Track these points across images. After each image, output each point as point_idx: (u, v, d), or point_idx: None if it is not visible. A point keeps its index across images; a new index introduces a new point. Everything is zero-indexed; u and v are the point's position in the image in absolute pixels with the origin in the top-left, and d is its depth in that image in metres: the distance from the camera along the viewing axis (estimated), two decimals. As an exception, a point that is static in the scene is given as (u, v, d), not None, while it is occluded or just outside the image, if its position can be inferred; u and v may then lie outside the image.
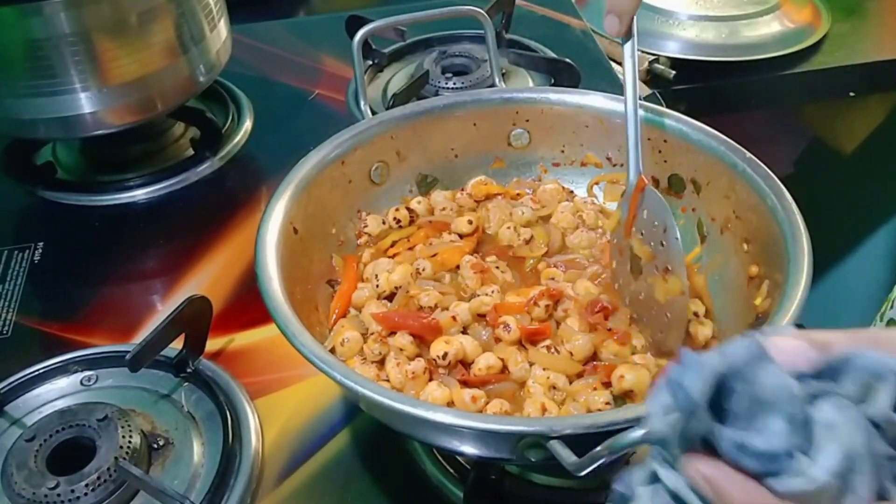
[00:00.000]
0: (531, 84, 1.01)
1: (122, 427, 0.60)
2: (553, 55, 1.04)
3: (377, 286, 0.63)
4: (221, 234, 0.84)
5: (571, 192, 0.72)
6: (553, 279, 0.63)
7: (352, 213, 0.68)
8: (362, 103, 0.77)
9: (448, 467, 0.61)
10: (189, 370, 0.67)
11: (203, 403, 0.66)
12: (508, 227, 0.67)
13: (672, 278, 0.58)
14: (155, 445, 0.62)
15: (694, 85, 1.20)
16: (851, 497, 0.27)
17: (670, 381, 0.29)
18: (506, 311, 0.59)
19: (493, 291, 0.61)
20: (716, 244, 0.65)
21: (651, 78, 1.21)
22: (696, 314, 0.60)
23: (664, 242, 0.59)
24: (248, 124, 1.00)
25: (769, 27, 1.25)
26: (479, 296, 0.61)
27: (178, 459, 0.62)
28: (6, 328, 0.75)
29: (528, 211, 0.69)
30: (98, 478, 0.57)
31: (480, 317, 0.60)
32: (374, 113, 0.74)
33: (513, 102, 0.71)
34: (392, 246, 0.67)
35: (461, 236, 0.68)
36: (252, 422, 0.65)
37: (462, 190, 0.72)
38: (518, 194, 0.71)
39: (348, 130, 0.67)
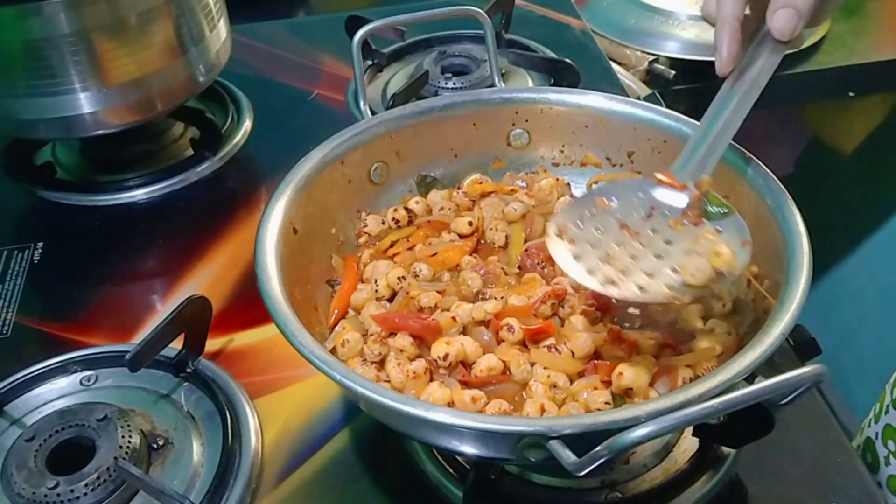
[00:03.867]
0: (531, 84, 1.01)
1: (122, 427, 0.60)
2: (553, 55, 1.04)
3: (376, 290, 0.63)
4: (221, 234, 0.84)
5: (568, 184, 0.72)
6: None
7: (351, 213, 0.68)
8: (362, 103, 0.77)
9: (448, 467, 0.61)
10: (189, 370, 0.67)
11: (203, 403, 0.66)
12: (491, 229, 0.68)
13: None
14: (154, 445, 0.62)
15: (694, 85, 1.21)
16: None
17: None
18: (511, 315, 0.59)
19: (500, 297, 0.60)
20: (716, 244, 0.64)
21: (651, 78, 1.22)
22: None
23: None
24: (247, 124, 1.00)
25: (769, 27, 1.25)
26: (485, 297, 0.61)
27: (178, 459, 0.62)
28: (6, 328, 0.75)
29: (521, 206, 0.69)
30: (98, 478, 0.57)
31: (482, 323, 0.60)
32: (373, 113, 0.74)
33: (512, 102, 0.71)
34: (392, 246, 0.67)
35: (461, 236, 0.68)
36: (252, 422, 0.65)
37: (458, 189, 0.72)
38: (512, 190, 0.71)
39: (348, 130, 0.67)
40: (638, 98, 1.06)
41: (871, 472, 0.72)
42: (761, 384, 0.43)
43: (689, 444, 0.62)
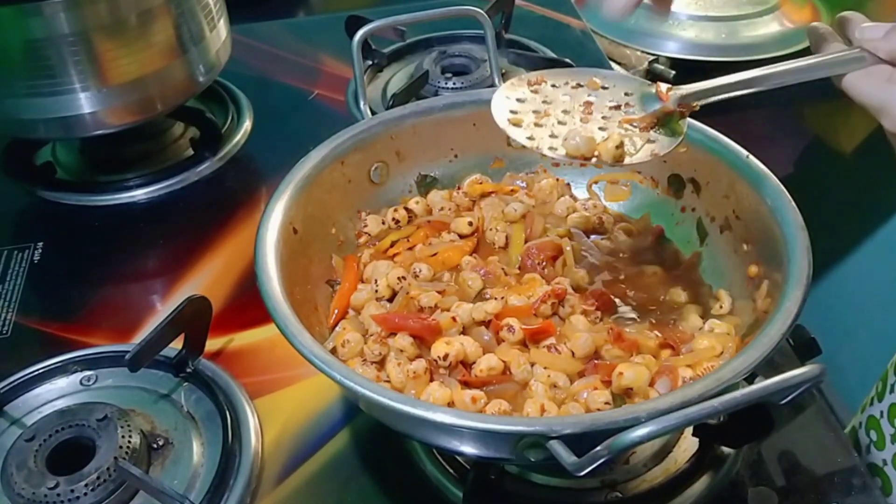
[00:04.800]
0: (531, 84, 1.01)
1: (122, 427, 0.60)
2: (553, 55, 1.04)
3: (376, 290, 0.63)
4: (221, 234, 0.84)
5: (568, 184, 0.72)
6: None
7: (351, 213, 0.68)
8: (362, 103, 0.77)
9: (448, 467, 0.61)
10: (189, 370, 0.67)
11: (203, 403, 0.66)
12: (491, 229, 0.68)
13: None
14: (154, 445, 0.62)
15: (694, 85, 1.20)
16: None
17: None
18: (512, 315, 0.59)
19: (500, 297, 0.60)
20: (716, 244, 0.65)
21: (651, 78, 1.22)
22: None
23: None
24: (247, 124, 1.00)
25: (768, 27, 1.25)
26: (486, 296, 0.61)
27: (178, 459, 0.62)
28: (6, 328, 0.75)
29: (521, 206, 0.69)
30: (98, 478, 0.57)
31: (482, 323, 0.60)
32: (373, 113, 0.74)
33: (513, 102, 0.71)
34: (392, 246, 0.67)
35: (461, 237, 0.68)
36: (252, 422, 0.65)
37: (458, 189, 0.72)
38: (512, 190, 0.71)
39: (348, 130, 0.67)
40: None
41: (876, 450, 0.73)
42: (761, 384, 0.44)
43: (689, 444, 0.62)
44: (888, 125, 0.52)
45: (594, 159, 0.55)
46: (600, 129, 0.56)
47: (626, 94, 0.59)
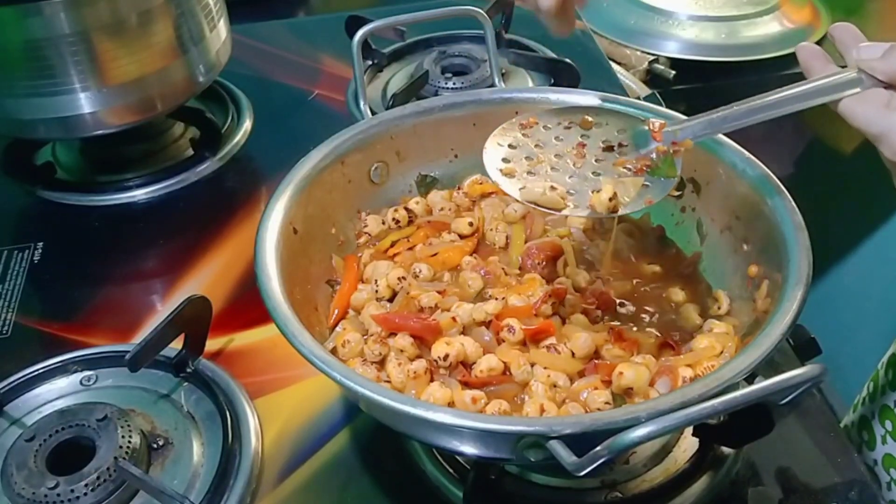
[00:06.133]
0: (531, 84, 1.01)
1: (122, 427, 0.60)
2: (553, 55, 1.04)
3: (376, 291, 0.63)
4: (221, 234, 0.84)
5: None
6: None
7: (351, 213, 0.68)
8: (362, 103, 0.77)
9: (448, 467, 0.61)
10: (189, 370, 0.67)
11: (203, 403, 0.66)
12: (491, 230, 0.68)
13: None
14: (154, 445, 0.62)
15: (694, 85, 1.20)
16: None
17: None
18: (512, 316, 0.59)
19: (501, 298, 0.60)
20: (716, 244, 0.65)
21: (651, 78, 1.22)
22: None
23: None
24: (247, 124, 1.00)
25: (768, 27, 1.25)
26: (486, 297, 0.61)
27: (178, 459, 0.62)
28: (6, 328, 0.75)
29: (521, 207, 0.69)
30: (98, 478, 0.57)
31: (482, 323, 0.60)
32: (373, 113, 0.74)
33: (512, 102, 0.71)
34: (392, 246, 0.67)
35: (461, 237, 0.68)
36: (252, 422, 0.65)
37: (459, 189, 0.72)
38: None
39: (348, 130, 0.67)
40: (638, 98, 1.06)
41: (868, 450, 0.73)
42: (761, 384, 0.44)
43: (689, 445, 0.62)
44: (888, 153, 0.52)
45: (589, 211, 0.56)
46: (594, 173, 0.57)
47: (618, 131, 0.60)
